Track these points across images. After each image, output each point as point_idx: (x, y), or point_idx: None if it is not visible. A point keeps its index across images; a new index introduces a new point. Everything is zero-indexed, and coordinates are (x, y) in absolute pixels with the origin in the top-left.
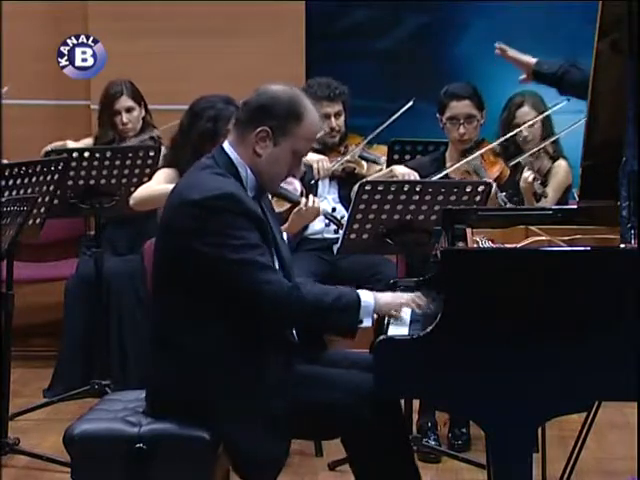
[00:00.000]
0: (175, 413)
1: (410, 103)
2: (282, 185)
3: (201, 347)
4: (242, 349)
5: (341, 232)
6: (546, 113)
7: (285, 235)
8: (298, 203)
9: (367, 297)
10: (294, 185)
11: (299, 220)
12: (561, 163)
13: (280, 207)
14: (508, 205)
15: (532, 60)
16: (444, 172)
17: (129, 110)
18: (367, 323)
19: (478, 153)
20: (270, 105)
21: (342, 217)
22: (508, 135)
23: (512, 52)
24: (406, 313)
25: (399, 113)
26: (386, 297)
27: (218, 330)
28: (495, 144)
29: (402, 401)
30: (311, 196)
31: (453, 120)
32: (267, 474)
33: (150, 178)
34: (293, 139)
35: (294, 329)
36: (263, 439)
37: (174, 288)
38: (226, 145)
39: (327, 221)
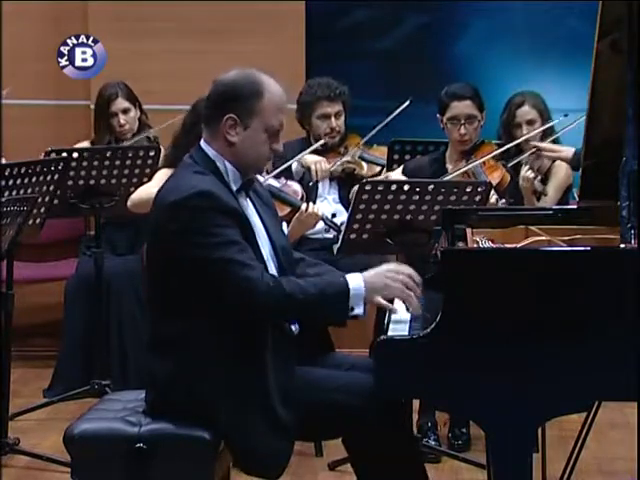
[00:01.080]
0: (175, 413)
1: (407, 102)
2: (283, 189)
3: (196, 347)
4: (237, 347)
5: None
6: (546, 126)
7: (285, 228)
8: (299, 208)
9: (356, 282)
10: (293, 187)
11: (299, 226)
12: (561, 163)
13: (281, 211)
14: None
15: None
16: (445, 178)
17: (125, 111)
18: (359, 310)
19: (480, 160)
20: (228, 92)
21: (342, 224)
22: (512, 144)
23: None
24: (401, 308)
25: (396, 112)
26: (377, 281)
27: (210, 329)
28: (498, 152)
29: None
30: (311, 203)
31: (454, 120)
32: (270, 470)
33: (150, 178)
34: (261, 116)
35: (294, 323)
36: (264, 436)
37: (164, 289)
38: (203, 143)
39: (326, 227)
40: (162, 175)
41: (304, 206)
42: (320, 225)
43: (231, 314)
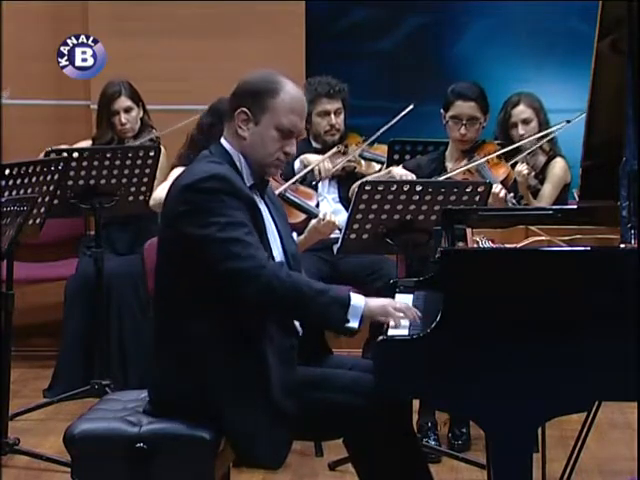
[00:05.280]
0: (175, 412)
1: (410, 107)
2: (300, 197)
3: (199, 343)
4: (237, 340)
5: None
6: (548, 131)
7: (295, 235)
8: (315, 216)
9: (358, 299)
10: (308, 194)
11: (315, 234)
12: (557, 160)
13: (295, 218)
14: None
15: None
16: (447, 175)
17: (127, 110)
18: (354, 323)
19: (484, 159)
20: (245, 87)
21: None
22: (515, 145)
23: None
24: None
25: (398, 117)
26: (377, 302)
27: (210, 324)
28: (501, 152)
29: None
30: (328, 211)
31: (456, 119)
32: (271, 462)
33: (149, 178)
34: (272, 114)
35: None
36: (264, 428)
37: (172, 280)
38: (222, 139)
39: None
40: (177, 173)
41: (321, 214)
42: (335, 234)
43: (230, 306)
